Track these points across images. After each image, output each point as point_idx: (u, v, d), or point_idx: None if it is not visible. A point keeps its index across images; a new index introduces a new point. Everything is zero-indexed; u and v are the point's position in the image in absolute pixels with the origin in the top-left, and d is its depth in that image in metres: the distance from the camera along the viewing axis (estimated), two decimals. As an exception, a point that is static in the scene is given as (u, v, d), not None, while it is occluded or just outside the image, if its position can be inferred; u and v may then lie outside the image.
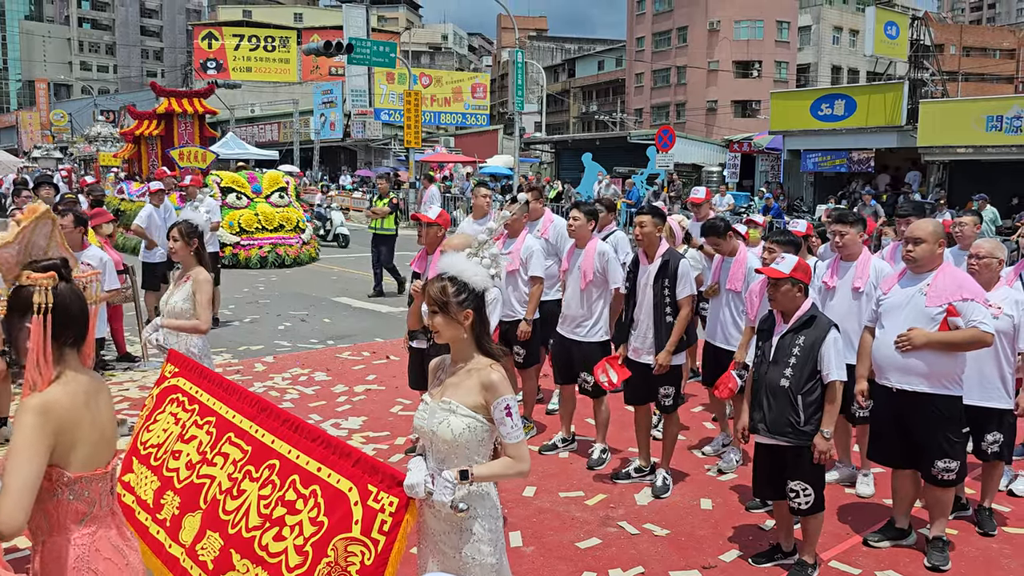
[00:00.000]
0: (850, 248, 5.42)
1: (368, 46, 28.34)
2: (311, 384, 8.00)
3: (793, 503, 4.32)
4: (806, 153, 26.00)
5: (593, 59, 72.18)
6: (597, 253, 5.90)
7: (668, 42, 57.34)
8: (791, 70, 53.74)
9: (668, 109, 57.08)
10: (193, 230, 5.02)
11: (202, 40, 57.92)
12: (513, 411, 2.77)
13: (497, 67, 78.35)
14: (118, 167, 27.31)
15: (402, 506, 2.75)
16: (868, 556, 4.69)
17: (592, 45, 78.95)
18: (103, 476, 2.43)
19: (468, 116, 49.98)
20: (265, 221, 16.58)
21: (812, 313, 4.29)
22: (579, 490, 5.57)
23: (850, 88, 29.56)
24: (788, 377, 4.21)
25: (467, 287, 2.82)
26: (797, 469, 4.26)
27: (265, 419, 3.50)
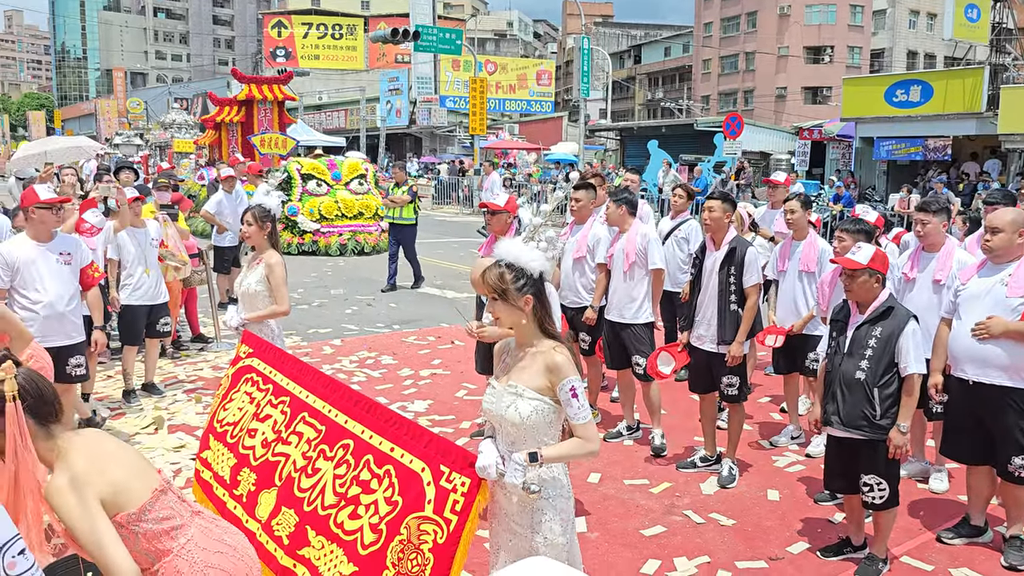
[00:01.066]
0: (932, 238, 5.26)
1: (434, 33, 28.51)
2: (378, 367, 8.13)
3: (867, 497, 4.23)
4: (879, 140, 25.25)
5: (660, 45, 71.25)
6: (639, 235, 5.94)
7: (737, 27, 56.27)
8: (864, 55, 52.22)
9: (736, 96, 56.08)
10: (267, 214, 5.14)
11: (272, 28, 58.93)
12: (579, 392, 2.78)
13: (562, 54, 77.97)
14: (193, 153, 28.01)
15: (474, 486, 2.80)
16: (942, 553, 4.58)
17: (659, 31, 77.93)
18: (162, 493, 2.53)
19: (533, 103, 49.87)
20: (344, 209, 16.55)
21: (889, 304, 4.18)
22: (644, 478, 5.55)
23: (927, 73, 28.60)
24: (864, 369, 4.11)
25: (524, 272, 2.83)
26: (872, 463, 4.17)
27: (338, 399, 3.58)
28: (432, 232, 20.06)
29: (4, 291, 5.17)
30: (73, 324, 5.44)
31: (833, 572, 4.36)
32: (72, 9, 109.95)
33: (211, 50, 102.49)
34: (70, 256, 5.42)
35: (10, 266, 5.16)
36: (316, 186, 16.56)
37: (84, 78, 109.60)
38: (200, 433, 6.15)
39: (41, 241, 5.31)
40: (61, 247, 5.40)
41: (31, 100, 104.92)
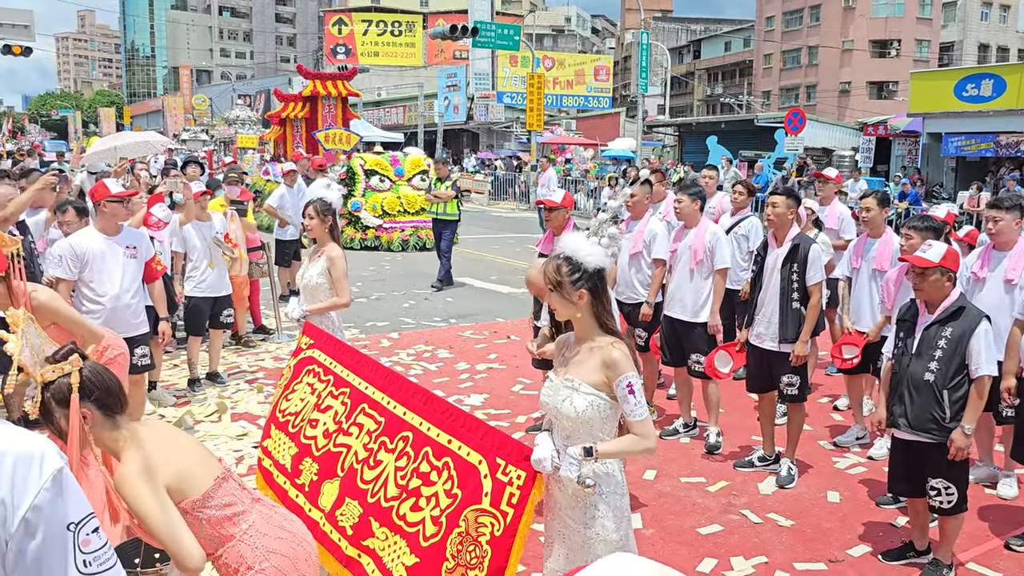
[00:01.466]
0: (1004, 236, 5.09)
1: (492, 29, 28.60)
2: (434, 360, 8.20)
3: (934, 501, 4.12)
4: (948, 136, 24.55)
5: (720, 40, 70.25)
6: (708, 233, 5.86)
7: (800, 21, 55.17)
8: (933, 49, 50.72)
9: (798, 91, 55.02)
10: (328, 208, 5.22)
11: (332, 26, 59.66)
12: (636, 388, 2.78)
13: (620, 49, 77.44)
14: (255, 148, 28.54)
15: (529, 479, 2.81)
16: (1009, 560, 4.44)
17: (719, 25, 76.86)
18: (224, 480, 2.61)
19: (590, 99, 49.62)
20: (407, 204, 16.59)
21: (960, 304, 4.06)
22: (700, 476, 5.51)
23: (1000, 67, 27.67)
24: (933, 371, 4.00)
25: (581, 267, 2.83)
26: (939, 466, 4.06)
27: (396, 391, 3.63)
28: (488, 228, 20.14)
29: (72, 282, 5.32)
30: (138, 316, 5.58)
31: (896, 576, 4.27)
32: (141, 8, 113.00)
33: (273, 47, 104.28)
34: (136, 249, 5.55)
35: (79, 258, 5.30)
36: (379, 182, 16.64)
37: (152, 75, 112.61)
38: (262, 422, 6.30)
39: (109, 234, 5.45)
40: (128, 240, 5.53)
41: (102, 97, 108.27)
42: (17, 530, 1.30)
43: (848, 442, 6.14)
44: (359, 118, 28.09)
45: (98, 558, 1.39)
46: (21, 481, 1.31)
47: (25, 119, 77.67)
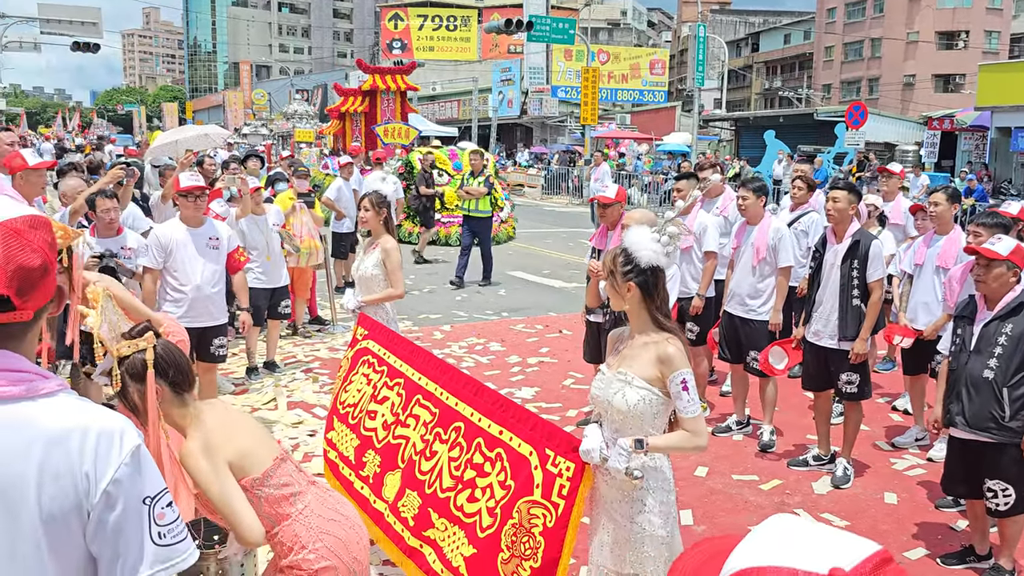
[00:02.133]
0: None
1: (547, 23, 28.52)
2: (486, 353, 8.24)
3: (991, 503, 4.01)
4: (1018, 131, 23.76)
5: (779, 32, 68.98)
6: (772, 230, 5.77)
7: (863, 12, 53.90)
8: (1004, 40, 49.07)
9: (859, 84, 53.79)
10: (383, 200, 5.28)
11: (388, 21, 60.15)
12: (690, 385, 2.76)
13: (676, 42, 76.61)
14: (312, 142, 28.95)
15: (579, 471, 2.82)
16: (1077, 568, 4.30)
17: (778, 18, 75.45)
18: (283, 461, 2.68)
19: (645, 93, 49.13)
20: None
21: (1021, 299, 3.94)
22: (753, 474, 5.44)
23: (1073, 59, 26.69)
24: (993, 368, 3.89)
25: (633, 261, 2.84)
26: (998, 467, 3.95)
27: (448, 381, 3.66)
28: (541, 222, 20.12)
29: (158, 272, 5.51)
30: (218, 306, 5.74)
31: (955, 581, 4.17)
32: (204, 5, 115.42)
33: (331, 43, 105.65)
34: (218, 241, 5.71)
35: (164, 248, 5.50)
36: (438, 176, 16.63)
37: (213, 71, 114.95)
38: (317, 410, 6.42)
39: (192, 226, 5.63)
40: (210, 232, 5.70)
41: (165, 92, 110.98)
42: (99, 502, 1.37)
43: (907, 443, 6.00)
44: (417, 112, 28.28)
45: (171, 530, 1.45)
46: (104, 456, 1.38)
47: (93, 114, 79.92)
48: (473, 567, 3.06)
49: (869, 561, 1.25)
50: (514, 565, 2.90)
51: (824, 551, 1.26)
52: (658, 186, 26.38)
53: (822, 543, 1.29)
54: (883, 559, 1.25)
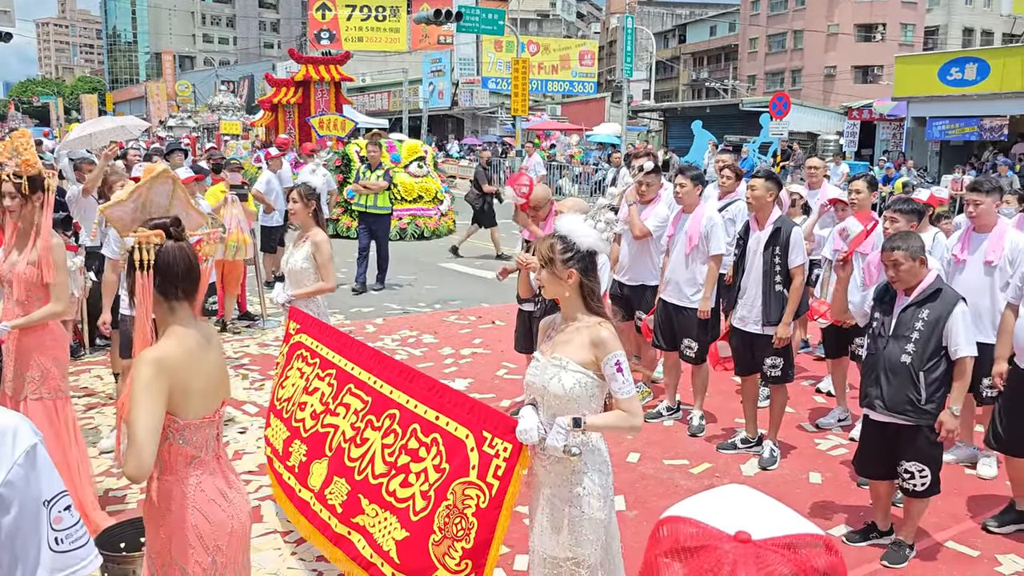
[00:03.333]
0: (984, 218, 5.14)
1: (477, 14, 28.38)
2: (419, 346, 8.20)
3: (907, 484, 4.16)
4: (932, 120, 24.65)
5: (705, 24, 70.18)
6: (704, 218, 5.85)
7: (785, 5, 55.16)
8: (918, 32, 50.84)
9: (783, 75, 55.08)
10: (312, 192, 5.21)
11: (316, 11, 59.09)
12: (624, 366, 2.80)
13: (605, 34, 77.23)
14: (239, 135, 28.33)
15: (515, 451, 2.84)
16: (988, 539, 4.50)
17: (704, 10, 76.75)
18: (211, 423, 2.56)
19: (575, 84, 49.45)
20: (404, 192, 16.01)
21: (937, 286, 4.08)
22: (684, 458, 5.54)
23: (984, 51, 27.75)
24: (910, 353, 4.03)
25: (574, 247, 2.86)
26: (914, 449, 4.09)
27: (382, 370, 3.65)
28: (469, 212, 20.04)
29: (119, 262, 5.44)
30: None
31: (861, 557, 4.31)
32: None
33: (257, 33, 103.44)
34: None
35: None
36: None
37: (134, 62, 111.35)
38: (247, 407, 6.31)
39: None
40: None
41: (84, 84, 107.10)
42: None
43: (830, 424, 6.19)
44: (352, 104, 27.85)
45: (70, 535, 1.39)
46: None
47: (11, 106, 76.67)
48: (404, 550, 3.06)
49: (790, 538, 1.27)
50: (446, 546, 2.90)
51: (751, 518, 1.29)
52: (588, 176, 26.58)
53: (755, 512, 1.31)
54: (811, 543, 1.27)
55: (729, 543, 1.22)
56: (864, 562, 4.25)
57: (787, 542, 1.23)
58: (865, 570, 4.20)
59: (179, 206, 3.12)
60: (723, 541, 1.23)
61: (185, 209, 3.11)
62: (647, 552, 1.37)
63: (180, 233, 2.57)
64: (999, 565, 4.24)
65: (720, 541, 1.23)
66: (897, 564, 4.19)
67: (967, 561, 4.28)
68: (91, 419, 6.07)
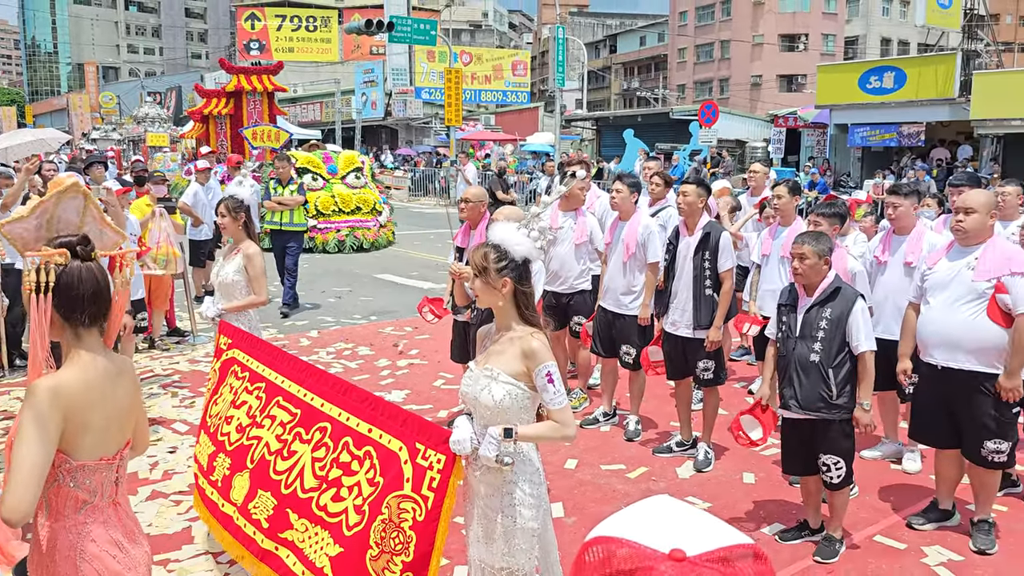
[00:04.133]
0: (903, 221, 5.31)
1: (408, 24, 28.29)
2: (355, 358, 8.11)
3: (825, 476, 4.28)
4: (854, 127, 25.44)
5: (635, 34, 71.32)
6: (641, 226, 5.91)
7: (712, 16, 56.40)
8: (839, 42, 52.49)
9: (711, 84, 56.26)
10: (240, 205, 5.12)
11: (245, 21, 58.28)
12: (555, 377, 2.80)
13: (538, 44, 77.82)
14: (167, 147, 27.68)
15: (449, 463, 2.82)
16: (914, 532, 4.63)
17: (634, 20, 78.01)
18: (108, 466, 2.33)
19: (508, 94, 49.72)
20: (342, 203, 15.93)
21: (836, 284, 4.22)
22: (620, 463, 5.58)
23: (900, 60, 28.81)
24: (818, 352, 4.16)
25: (508, 256, 2.86)
26: (828, 442, 4.23)
27: (314, 383, 3.60)
28: (409, 224, 19.98)
29: None
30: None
31: (795, 555, 4.39)
32: (42, 3, 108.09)
33: (184, 43, 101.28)
34: None
35: None
36: (312, 180, 15.89)
37: (55, 73, 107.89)
38: (177, 426, 6.16)
39: None
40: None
41: (2, 96, 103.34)
42: None
43: (762, 425, 6.30)
44: (286, 114, 27.41)
45: None
46: None
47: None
48: (339, 566, 3.01)
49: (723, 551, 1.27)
50: (384, 561, 2.86)
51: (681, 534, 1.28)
52: (523, 185, 26.70)
53: (684, 527, 1.30)
54: (742, 553, 1.27)
55: (665, 563, 1.21)
56: (798, 559, 4.34)
57: (721, 556, 1.23)
58: (798, 567, 4.28)
59: (91, 223, 2.99)
60: (658, 561, 1.21)
61: (99, 227, 2.99)
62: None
63: (88, 252, 2.35)
64: (925, 557, 4.36)
65: (655, 561, 1.22)
66: (828, 559, 4.29)
67: (895, 554, 4.40)
68: (11, 443, 5.84)
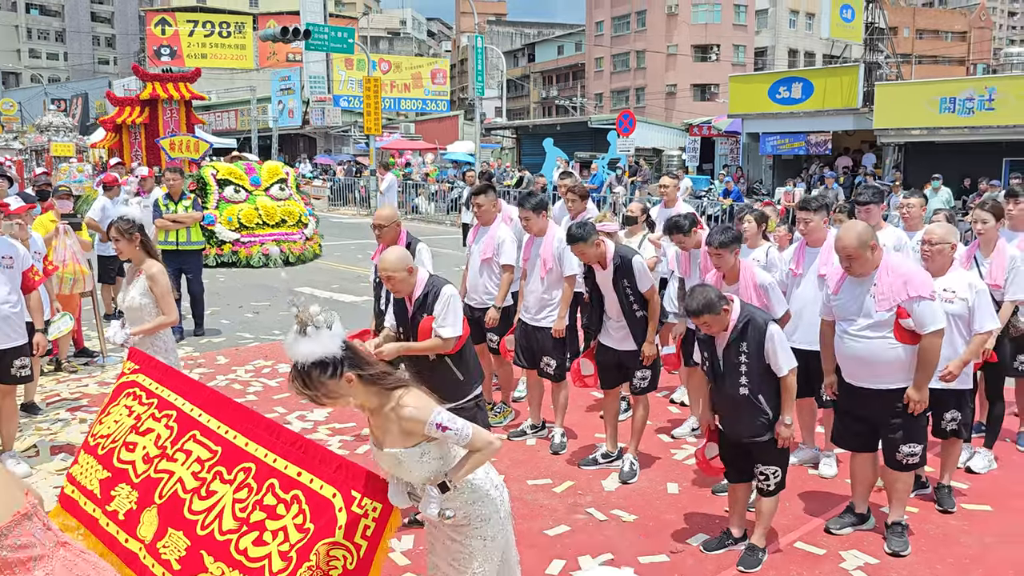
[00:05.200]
0: (815, 234, 5.48)
1: (325, 32, 27.91)
2: (275, 376, 7.92)
3: (763, 484, 4.39)
4: (765, 136, 26.23)
5: (553, 44, 72.07)
6: (556, 240, 5.99)
7: (627, 26, 57.41)
8: (749, 53, 54.11)
9: (628, 93, 57.23)
10: (131, 225, 4.97)
11: (155, 26, 56.66)
12: (447, 422, 2.76)
13: (457, 52, 77.90)
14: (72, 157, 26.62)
15: (386, 511, 2.79)
16: (832, 537, 4.76)
17: (552, 29, 78.84)
18: (27, 516, 2.28)
19: (428, 102, 49.62)
20: (266, 216, 15.41)
21: (745, 317, 4.27)
22: (547, 477, 5.59)
23: (807, 71, 29.87)
24: (745, 385, 4.27)
25: (328, 360, 2.69)
26: (768, 455, 4.35)
27: (237, 420, 3.48)
28: (328, 235, 19.69)
29: None
30: (16, 327, 5.47)
31: (719, 564, 4.47)
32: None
33: (90, 49, 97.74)
34: (11, 259, 5.44)
35: None
36: (234, 192, 15.37)
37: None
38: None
39: None
40: (2, 251, 5.43)
41: None
42: None
43: (684, 434, 6.41)
44: (204, 123, 26.60)
45: None
46: None
47: None
48: None
49: None
50: None
51: None
52: (444, 194, 26.64)
53: None
54: None
55: None
56: (722, 569, 4.41)
57: None
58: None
59: None
60: None
61: None
62: None
63: None
64: (843, 561, 4.49)
65: None
66: (751, 568, 4.37)
67: (814, 560, 4.52)
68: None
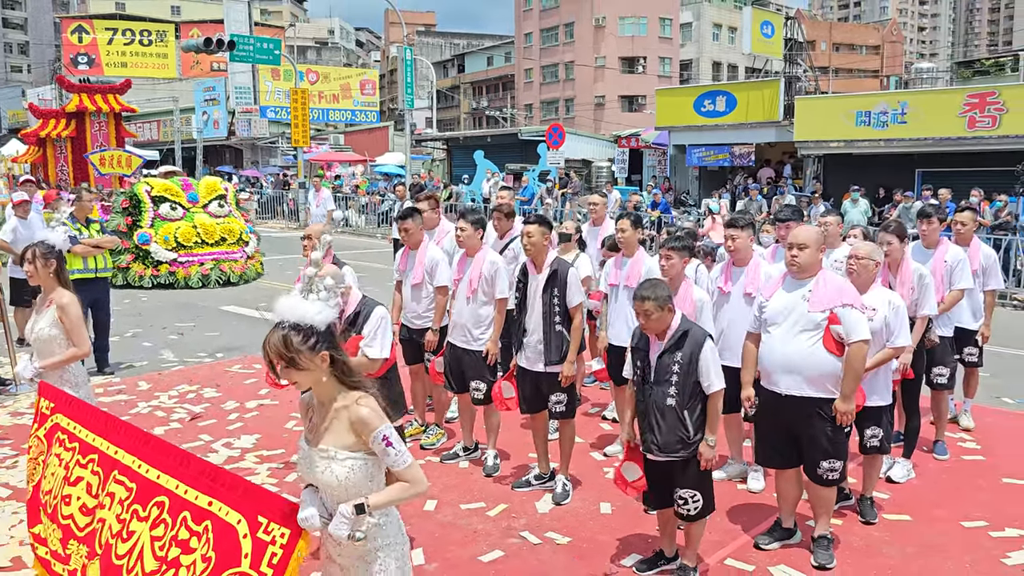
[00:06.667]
0: (742, 252, 5.57)
1: (251, 42, 27.45)
2: (200, 402, 7.69)
3: (682, 509, 4.37)
4: (691, 148, 26.71)
5: (482, 55, 72.30)
6: (487, 262, 5.93)
7: (556, 38, 57.96)
8: (674, 66, 55.19)
9: (557, 104, 57.74)
10: (50, 251, 4.74)
11: (71, 34, 54.92)
12: (393, 439, 2.70)
13: (386, 62, 77.45)
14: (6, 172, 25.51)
15: (294, 537, 2.69)
16: (761, 552, 4.83)
17: (481, 40, 79.14)
18: None
19: (357, 113, 49.18)
20: (204, 234, 14.79)
21: (684, 328, 4.30)
22: (480, 501, 5.54)
23: (731, 85, 30.55)
24: (673, 396, 4.25)
25: (313, 330, 2.68)
26: (686, 478, 4.32)
27: (149, 453, 3.34)
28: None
29: None
30: None
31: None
32: None
33: (1, 56, 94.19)
34: None
35: None
36: (170, 209, 14.72)
37: None
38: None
39: None
40: None
41: None
42: None
43: (616, 452, 6.42)
44: (136, 136, 25.68)
45: None
46: None
47: None
48: None
49: None
50: None
51: None
52: (375, 207, 26.41)
53: None
54: None
55: None
56: (654, 590, 4.43)
57: None
58: (655, 598, 4.37)
59: None
60: None
61: None
62: None
63: None
64: (771, 577, 4.57)
65: None
66: (684, 589, 4.40)
67: (744, 576, 4.58)
68: None
